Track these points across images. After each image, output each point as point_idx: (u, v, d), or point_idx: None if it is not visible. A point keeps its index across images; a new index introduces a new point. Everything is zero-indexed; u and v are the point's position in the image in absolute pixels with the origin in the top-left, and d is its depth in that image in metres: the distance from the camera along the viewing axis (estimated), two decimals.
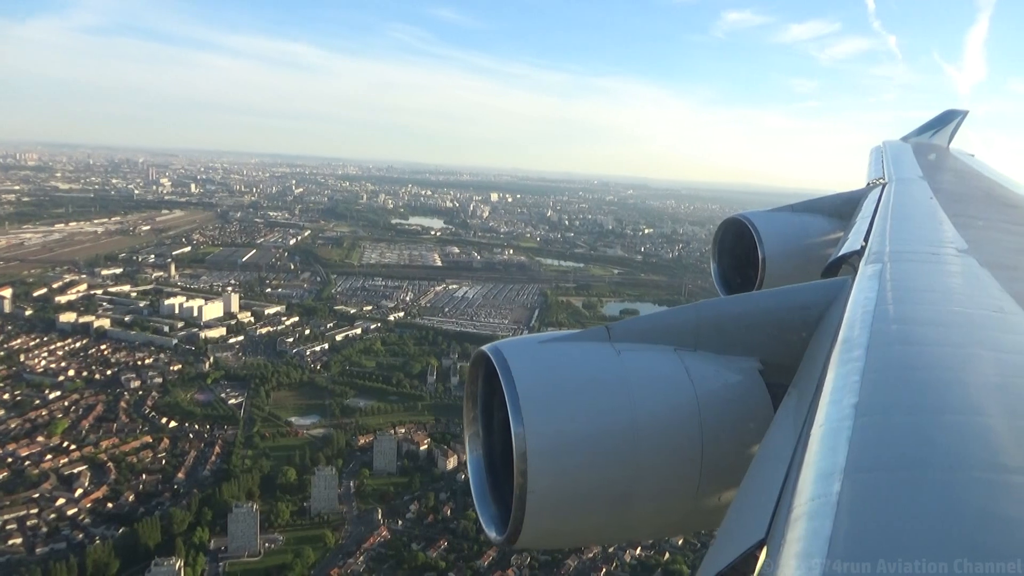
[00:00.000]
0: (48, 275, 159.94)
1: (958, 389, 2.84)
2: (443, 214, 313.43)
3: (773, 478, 2.51)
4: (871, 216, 7.05)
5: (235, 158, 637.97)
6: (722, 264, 9.30)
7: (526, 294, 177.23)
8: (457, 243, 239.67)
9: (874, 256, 5.04)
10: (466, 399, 4.18)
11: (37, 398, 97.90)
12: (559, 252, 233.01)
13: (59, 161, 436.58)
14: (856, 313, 3.67)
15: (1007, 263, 5.29)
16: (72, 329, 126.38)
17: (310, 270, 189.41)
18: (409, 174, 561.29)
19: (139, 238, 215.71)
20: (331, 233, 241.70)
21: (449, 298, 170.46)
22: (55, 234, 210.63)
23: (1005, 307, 3.89)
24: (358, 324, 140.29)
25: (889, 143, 15.54)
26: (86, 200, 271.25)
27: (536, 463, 3.40)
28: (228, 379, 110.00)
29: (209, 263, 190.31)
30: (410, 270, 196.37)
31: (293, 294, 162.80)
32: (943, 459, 2.25)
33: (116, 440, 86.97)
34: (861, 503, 2.04)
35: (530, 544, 3.72)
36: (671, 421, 3.69)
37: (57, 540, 68.02)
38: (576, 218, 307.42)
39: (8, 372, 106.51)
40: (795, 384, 3.63)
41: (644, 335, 4.00)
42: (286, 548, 69.23)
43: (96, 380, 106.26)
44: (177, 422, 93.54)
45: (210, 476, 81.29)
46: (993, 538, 1.86)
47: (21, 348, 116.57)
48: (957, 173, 13.06)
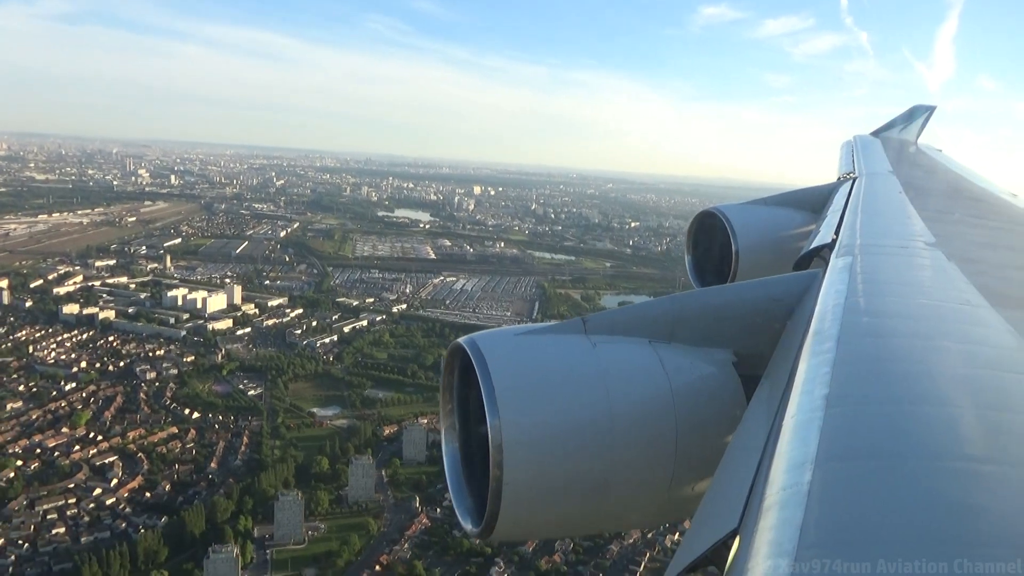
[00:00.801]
0: (41, 266, 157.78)
1: (927, 380, 2.91)
2: (428, 207, 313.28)
3: (746, 468, 2.55)
4: (842, 210, 7.14)
5: (209, 149, 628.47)
6: (696, 256, 9.36)
7: (523, 287, 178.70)
8: (447, 236, 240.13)
9: (845, 249, 5.11)
10: (442, 391, 4.20)
11: (54, 389, 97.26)
12: (549, 245, 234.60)
13: (30, 151, 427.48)
14: (827, 305, 3.73)
15: (973, 256, 5.42)
16: (76, 321, 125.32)
17: (305, 262, 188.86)
18: (388, 167, 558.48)
19: (126, 229, 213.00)
20: (320, 225, 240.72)
21: (448, 290, 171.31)
22: (39, 225, 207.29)
23: (971, 300, 3.97)
24: (363, 316, 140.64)
25: (860, 138, 15.60)
26: (65, 191, 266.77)
27: (512, 455, 3.41)
28: (243, 370, 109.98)
29: (202, 255, 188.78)
30: (404, 263, 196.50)
31: (293, 286, 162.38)
32: (913, 449, 2.29)
33: (142, 431, 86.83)
34: (832, 492, 2.07)
35: (505, 536, 3.73)
36: (646, 413, 3.71)
37: (100, 529, 68.15)
38: (560, 211, 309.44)
39: (19, 364, 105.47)
40: (768, 375, 3.69)
41: (619, 327, 4.02)
42: (329, 536, 70.07)
43: (110, 372, 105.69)
44: (200, 413, 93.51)
45: (242, 466, 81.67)
46: (963, 527, 1.90)
47: (28, 340, 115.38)
48: (925, 168, 13.34)
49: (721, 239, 8.59)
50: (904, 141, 16.32)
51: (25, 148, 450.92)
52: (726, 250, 8.44)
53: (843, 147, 14.28)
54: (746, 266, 8.24)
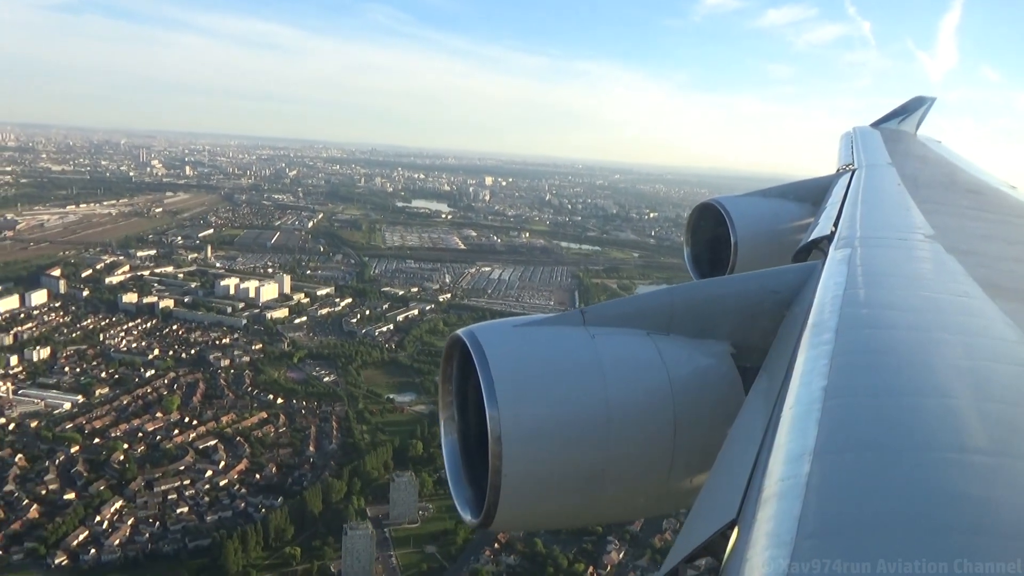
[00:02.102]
0: (86, 256, 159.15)
1: (925, 372, 2.93)
2: (444, 197, 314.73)
3: (744, 460, 2.56)
4: (840, 202, 7.16)
5: (213, 140, 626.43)
6: (695, 248, 9.36)
7: (557, 276, 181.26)
8: (471, 226, 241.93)
9: (843, 241, 5.10)
10: (441, 382, 4.22)
11: (135, 376, 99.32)
12: (573, 235, 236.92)
13: (38, 142, 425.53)
14: (826, 297, 3.74)
15: (972, 249, 5.40)
16: (136, 310, 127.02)
17: (340, 252, 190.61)
18: (394, 157, 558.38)
19: (156, 220, 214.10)
20: (343, 216, 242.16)
21: (486, 280, 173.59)
22: (70, 216, 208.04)
23: (970, 292, 3.96)
24: (413, 305, 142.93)
25: (859, 129, 15.60)
26: (84, 182, 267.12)
27: (510, 446, 3.43)
28: (312, 358, 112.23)
29: (239, 245, 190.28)
30: (437, 252, 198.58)
31: (335, 276, 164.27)
32: (910, 441, 2.31)
33: (233, 416, 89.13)
34: (830, 484, 2.07)
35: (504, 527, 3.81)
36: (644, 404, 3.72)
37: (223, 509, 70.60)
38: (575, 202, 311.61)
39: (95, 351, 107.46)
40: (766, 367, 3.70)
41: (618, 319, 4.03)
42: (439, 515, 72.71)
43: (183, 359, 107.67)
44: (282, 399, 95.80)
45: (338, 450, 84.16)
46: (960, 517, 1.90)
47: (95, 328, 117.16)
48: (924, 160, 13.31)
49: (720, 231, 8.65)
50: (903, 133, 16.28)
51: (31, 139, 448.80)
52: (725, 242, 8.51)
53: (842, 138, 14.43)
54: (745, 258, 8.29)
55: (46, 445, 79.48)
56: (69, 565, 61.50)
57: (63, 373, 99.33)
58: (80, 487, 71.90)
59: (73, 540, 63.58)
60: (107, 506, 68.58)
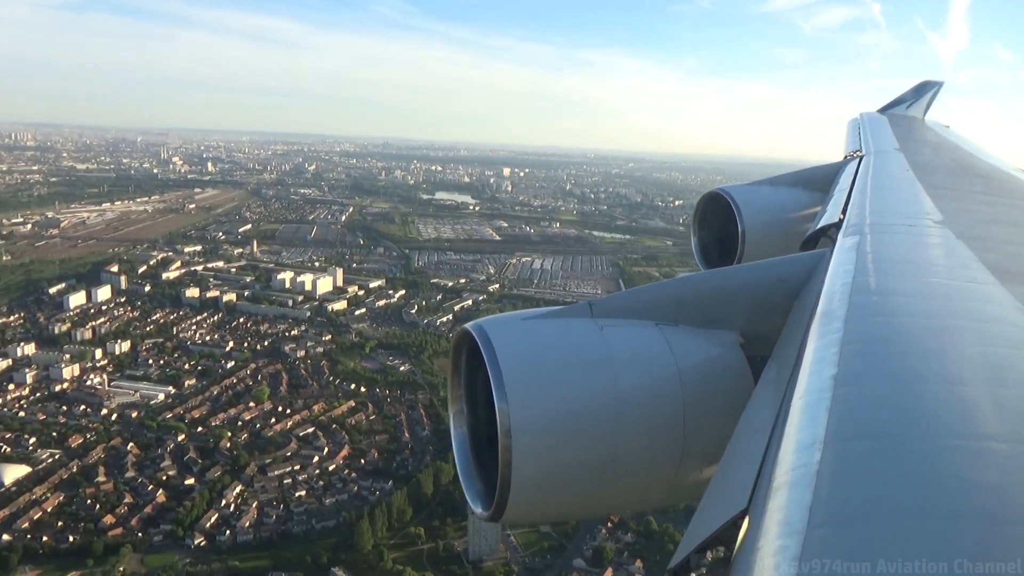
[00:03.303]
0: (137, 253, 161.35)
1: (935, 359, 2.92)
2: (466, 189, 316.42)
3: (754, 449, 2.57)
4: (849, 188, 7.13)
5: (224, 136, 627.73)
6: (702, 238, 9.32)
7: (597, 265, 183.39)
8: (501, 217, 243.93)
9: (852, 228, 5.07)
10: (450, 376, 4.24)
11: (218, 368, 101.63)
12: (603, 224, 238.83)
13: (56, 141, 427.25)
14: (835, 285, 3.73)
15: (981, 234, 5.37)
16: (200, 304, 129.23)
17: (380, 245, 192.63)
18: (407, 150, 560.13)
19: (192, 216, 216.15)
20: (373, 209, 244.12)
21: (529, 270, 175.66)
22: (107, 213, 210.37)
23: (980, 278, 3.93)
24: (466, 296, 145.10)
25: (866, 115, 15.53)
26: (112, 180, 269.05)
27: (520, 439, 3.45)
28: (382, 348, 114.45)
29: (280, 240, 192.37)
30: (473, 244, 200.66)
31: (382, 268, 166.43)
32: (921, 428, 2.29)
33: (323, 404, 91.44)
34: (841, 472, 2.06)
35: (516, 519, 3.81)
36: (653, 395, 3.74)
37: (338, 492, 73.01)
38: (596, 191, 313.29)
39: (173, 344, 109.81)
40: (775, 356, 3.71)
41: (626, 311, 4.04)
42: None
43: (258, 351, 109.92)
44: (365, 388, 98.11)
45: (431, 435, 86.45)
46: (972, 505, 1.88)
47: (166, 322, 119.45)
48: (933, 145, 13.26)
49: (727, 220, 8.62)
50: (911, 118, 16.20)
51: (48, 138, 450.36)
52: (732, 231, 8.47)
53: (850, 124, 14.35)
54: (752, 247, 8.27)
55: (152, 434, 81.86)
56: (207, 545, 63.89)
57: (148, 365, 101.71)
58: (197, 473, 74.26)
59: (206, 522, 66.00)
60: (229, 490, 70.93)
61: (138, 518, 65.94)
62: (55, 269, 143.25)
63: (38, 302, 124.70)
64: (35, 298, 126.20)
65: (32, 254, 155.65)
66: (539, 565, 64.70)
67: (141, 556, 62.09)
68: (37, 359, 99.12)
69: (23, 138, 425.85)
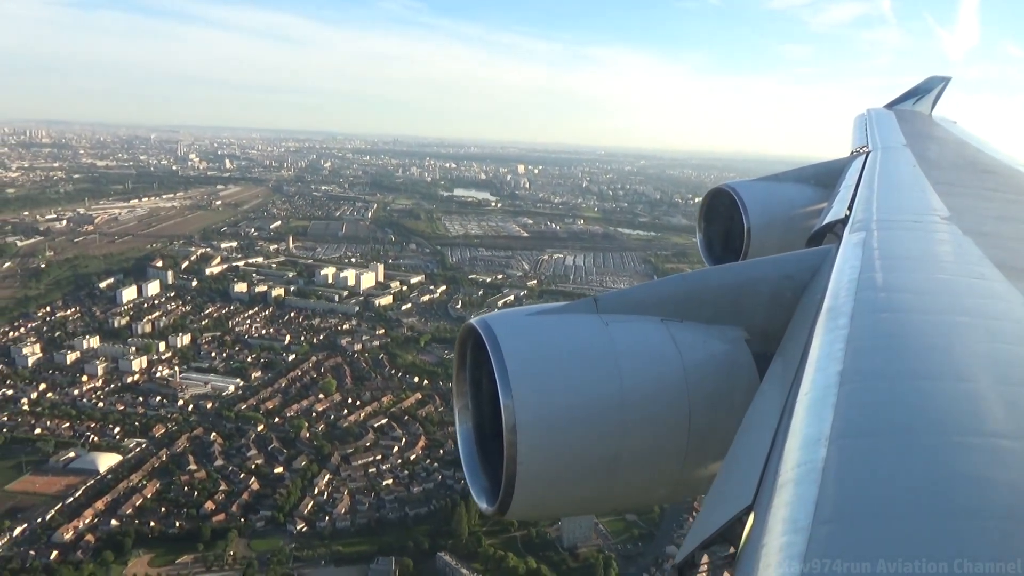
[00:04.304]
0: (175, 249, 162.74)
1: (941, 355, 2.91)
2: (483, 186, 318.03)
3: (759, 445, 2.56)
4: (855, 184, 7.10)
5: (234, 133, 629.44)
6: (708, 234, 9.35)
7: (629, 261, 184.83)
8: (524, 214, 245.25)
9: (858, 224, 5.05)
10: (455, 371, 4.27)
11: (280, 361, 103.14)
12: (626, 221, 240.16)
13: (70, 138, 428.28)
14: (841, 281, 3.74)
15: (988, 230, 5.36)
16: (249, 299, 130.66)
17: (411, 242, 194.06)
18: (416, 147, 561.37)
19: (220, 213, 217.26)
20: (397, 206, 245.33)
21: (563, 266, 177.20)
22: (138, 210, 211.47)
23: (987, 274, 3.94)
24: (507, 292, 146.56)
25: (873, 111, 15.52)
26: (133, 176, 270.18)
27: (525, 435, 3.44)
28: (436, 341, 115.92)
29: (312, 236, 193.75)
30: (502, 240, 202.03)
31: (418, 264, 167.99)
32: (927, 424, 2.28)
33: (391, 396, 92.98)
34: (846, 469, 2.05)
35: (520, 514, 3.84)
36: (658, 391, 3.74)
37: (424, 481, 74.57)
38: (613, 188, 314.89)
39: (231, 338, 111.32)
40: (781, 352, 3.70)
41: (631, 306, 4.05)
42: None
43: (315, 344, 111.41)
44: (428, 380, 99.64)
45: None
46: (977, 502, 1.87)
47: (220, 316, 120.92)
48: (940, 140, 13.16)
49: (732, 216, 8.64)
50: (918, 114, 16.17)
51: (61, 135, 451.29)
52: (738, 227, 8.50)
53: (856, 120, 14.28)
54: (758, 243, 8.28)
55: (231, 424, 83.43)
56: (308, 531, 65.47)
57: (211, 358, 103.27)
58: (283, 462, 75.82)
59: (304, 509, 67.59)
60: (318, 479, 72.50)
61: (237, 504, 67.54)
62: (99, 264, 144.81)
63: (91, 296, 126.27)
64: (87, 292, 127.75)
65: (73, 250, 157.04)
66: (632, 552, 66.31)
67: (247, 541, 63.77)
68: (103, 351, 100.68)
69: (38, 135, 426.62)
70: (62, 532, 61.52)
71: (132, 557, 60.06)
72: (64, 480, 70.15)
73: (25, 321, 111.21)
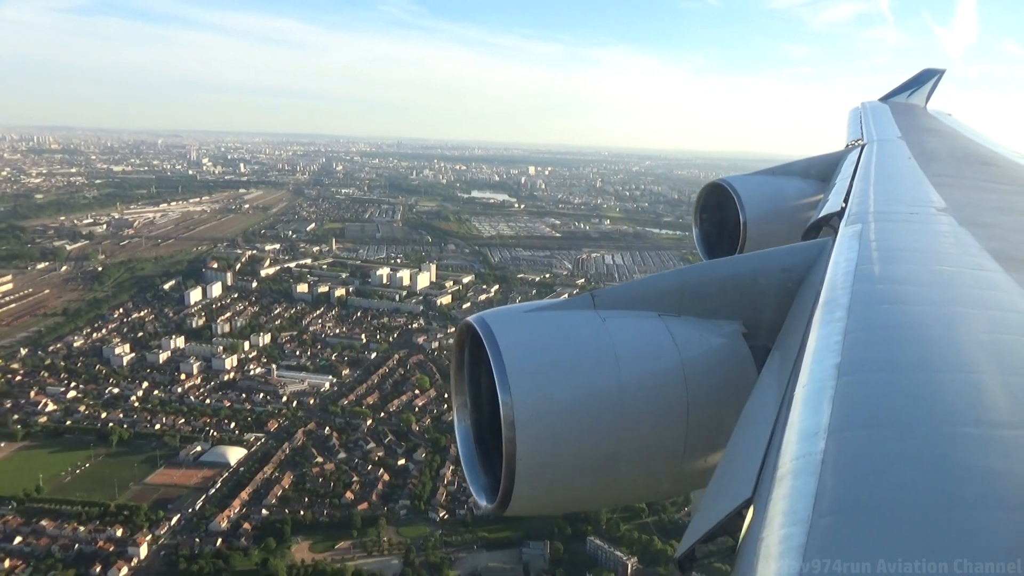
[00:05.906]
0: (221, 251, 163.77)
1: (939, 347, 2.90)
2: (498, 187, 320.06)
3: (758, 438, 2.57)
4: (850, 177, 7.12)
5: (237, 137, 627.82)
6: (704, 229, 9.34)
7: (666, 260, 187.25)
8: (549, 215, 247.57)
9: (854, 217, 5.13)
10: (453, 369, 4.26)
11: (365, 358, 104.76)
12: (651, 221, 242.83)
13: (78, 144, 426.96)
14: (837, 274, 3.75)
15: (985, 221, 5.40)
16: (313, 299, 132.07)
17: (448, 243, 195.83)
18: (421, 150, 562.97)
19: (251, 216, 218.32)
20: (423, 208, 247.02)
21: (604, 265, 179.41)
22: (170, 214, 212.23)
23: (984, 264, 3.95)
24: (559, 291, 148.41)
25: (868, 104, 15.46)
26: (153, 181, 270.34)
27: (524, 431, 3.43)
28: None
29: (349, 238, 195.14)
30: (536, 240, 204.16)
31: (463, 264, 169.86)
32: (925, 416, 2.28)
33: None
34: (845, 461, 2.05)
35: (520, 511, 3.77)
36: (657, 386, 3.73)
37: None
38: (629, 189, 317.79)
39: (309, 336, 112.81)
40: (778, 346, 3.74)
41: (628, 302, 4.04)
42: None
43: (391, 342, 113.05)
44: None
45: None
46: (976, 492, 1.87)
47: (290, 316, 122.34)
48: (935, 133, 13.09)
49: (729, 210, 8.62)
50: (913, 106, 16.13)
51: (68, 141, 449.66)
52: (734, 222, 8.49)
53: (851, 114, 14.29)
54: (754, 237, 8.27)
55: (340, 419, 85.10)
56: (450, 519, 67.36)
57: (296, 356, 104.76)
58: (403, 453, 77.63)
59: (440, 498, 69.45)
60: (444, 469, 74.36)
61: (376, 494, 69.29)
62: (153, 267, 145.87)
63: (156, 297, 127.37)
64: (152, 294, 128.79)
65: (122, 253, 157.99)
66: None
67: (395, 528, 65.53)
68: (192, 351, 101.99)
69: (46, 141, 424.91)
70: (218, 521, 63.18)
71: (291, 543, 61.76)
72: (199, 473, 71.81)
73: (104, 323, 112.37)
